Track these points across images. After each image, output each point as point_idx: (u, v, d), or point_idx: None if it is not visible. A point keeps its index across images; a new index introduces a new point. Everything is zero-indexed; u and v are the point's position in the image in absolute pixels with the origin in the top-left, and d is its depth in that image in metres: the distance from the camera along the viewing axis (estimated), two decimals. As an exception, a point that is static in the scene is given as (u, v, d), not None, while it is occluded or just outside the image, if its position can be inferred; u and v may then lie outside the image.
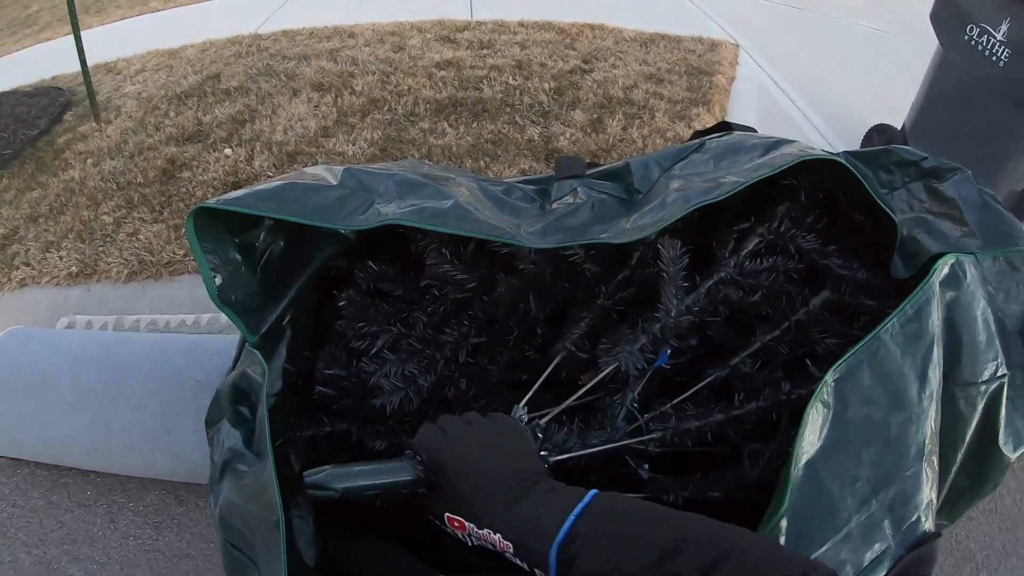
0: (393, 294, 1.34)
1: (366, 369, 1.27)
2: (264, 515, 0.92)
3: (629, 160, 1.34)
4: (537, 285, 1.33)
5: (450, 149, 3.54)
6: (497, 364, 1.33)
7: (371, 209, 1.08)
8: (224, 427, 1.09)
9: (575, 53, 4.68)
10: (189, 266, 2.86)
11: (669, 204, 1.14)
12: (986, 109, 3.37)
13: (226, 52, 4.85)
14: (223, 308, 1.13)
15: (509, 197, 1.27)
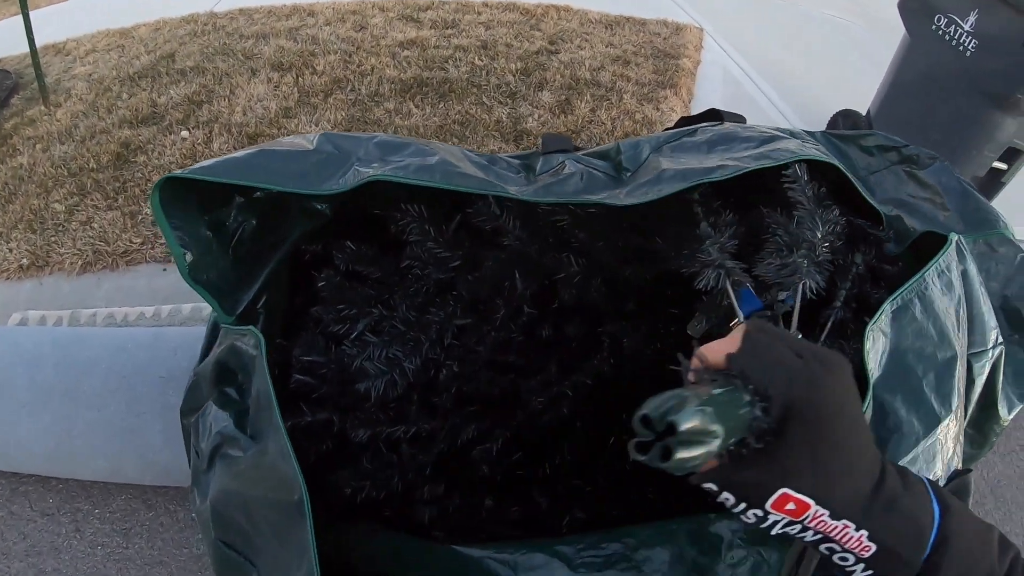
0: (372, 277, 1.32)
1: (348, 353, 1.25)
2: (276, 497, 0.87)
3: (619, 142, 1.32)
4: (523, 261, 1.30)
5: (417, 129, 3.50)
6: (484, 345, 1.32)
7: (351, 171, 1.03)
8: (210, 411, 1.04)
9: (540, 34, 4.65)
10: (146, 255, 2.77)
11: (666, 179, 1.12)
12: (952, 98, 3.43)
13: (181, 31, 4.73)
14: (195, 287, 1.08)
15: (494, 166, 1.23)
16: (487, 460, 1.35)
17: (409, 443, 1.29)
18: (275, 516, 0.88)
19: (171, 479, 2.00)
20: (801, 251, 1.13)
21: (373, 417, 1.25)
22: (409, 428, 1.27)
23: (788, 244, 1.14)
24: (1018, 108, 3.24)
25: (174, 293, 2.55)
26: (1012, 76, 3.17)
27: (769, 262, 1.12)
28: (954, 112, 3.46)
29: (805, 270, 1.10)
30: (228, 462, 0.98)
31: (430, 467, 1.31)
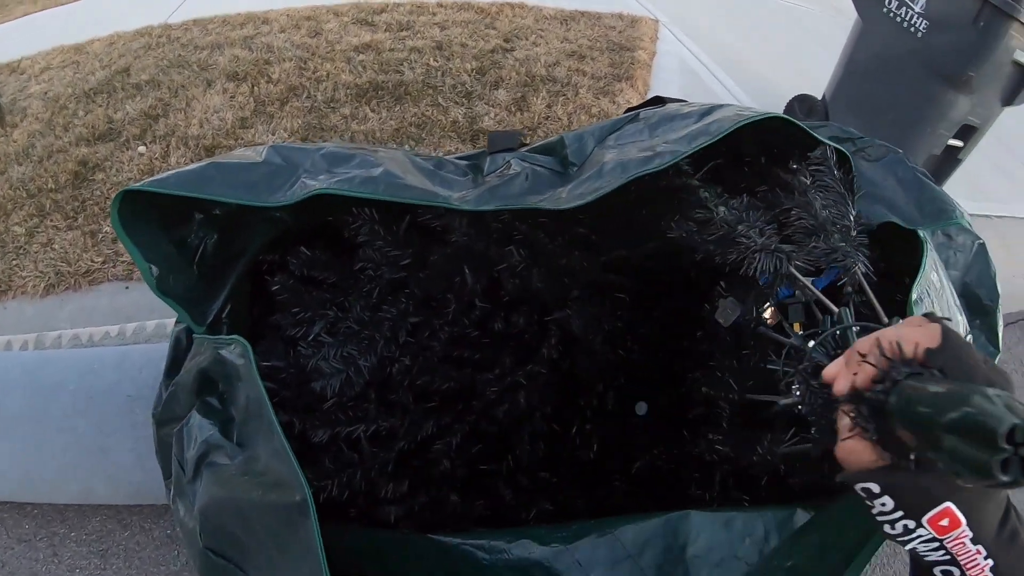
0: (328, 281, 1.34)
1: (304, 355, 1.26)
2: (274, 499, 0.88)
3: (563, 135, 1.34)
4: (471, 256, 1.32)
5: (373, 134, 3.48)
6: (438, 341, 1.33)
7: (298, 183, 1.06)
8: (194, 420, 1.05)
9: (495, 32, 4.64)
10: (108, 274, 2.74)
11: (607, 173, 1.14)
12: (904, 79, 3.48)
13: (135, 44, 4.66)
14: (165, 299, 1.12)
15: (440, 170, 1.26)
16: (448, 454, 1.37)
17: (370, 441, 1.31)
18: (272, 519, 0.88)
19: (143, 497, 2.00)
20: (835, 236, 1.14)
21: (332, 417, 1.27)
22: (369, 426, 1.29)
23: (814, 228, 1.15)
24: (970, 86, 3.29)
25: (137, 311, 2.53)
26: (963, 54, 3.22)
27: (814, 246, 1.13)
28: (908, 92, 3.51)
29: (852, 253, 1.11)
30: (216, 470, 0.99)
31: (392, 464, 1.33)
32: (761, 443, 1.25)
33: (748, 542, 1.10)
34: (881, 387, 0.63)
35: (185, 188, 1.01)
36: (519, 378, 1.37)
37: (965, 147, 3.73)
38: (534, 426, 1.46)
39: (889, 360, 0.64)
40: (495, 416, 1.38)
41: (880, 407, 0.63)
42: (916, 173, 1.43)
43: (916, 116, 3.53)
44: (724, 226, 1.14)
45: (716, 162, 1.33)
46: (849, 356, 0.70)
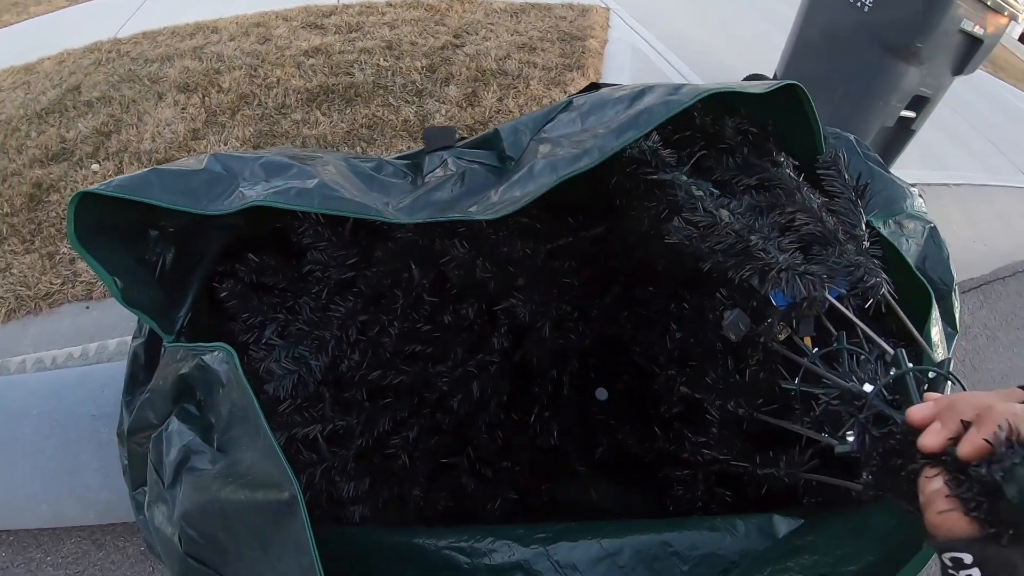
0: (278, 286, 1.34)
1: (256, 357, 1.25)
2: (261, 499, 0.88)
3: (498, 127, 1.35)
4: (417, 251, 1.33)
5: (325, 138, 3.48)
6: (389, 336, 1.34)
7: (236, 192, 1.07)
8: (172, 426, 1.05)
9: (445, 29, 4.63)
10: (68, 295, 2.72)
11: (537, 174, 1.14)
12: (854, 53, 3.51)
13: (85, 61, 4.60)
14: (132, 309, 1.13)
15: (379, 174, 1.27)
16: (406, 449, 1.38)
17: (327, 441, 1.32)
18: (257, 520, 0.88)
19: (114, 516, 1.99)
20: (849, 247, 1.13)
21: (288, 420, 1.27)
22: (325, 426, 1.30)
23: (824, 237, 1.14)
24: (919, 57, 3.33)
25: (99, 330, 2.52)
26: (909, 26, 3.26)
27: (835, 261, 1.11)
28: (858, 66, 3.55)
29: (875, 271, 1.10)
30: (196, 475, 0.99)
31: (352, 462, 1.34)
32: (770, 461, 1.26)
33: (729, 540, 1.12)
34: (997, 468, 0.61)
35: (127, 192, 1.02)
36: (470, 368, 1.38)
37: (918, 118, 3.78)
38: (490, 416, 1.47)
39: (1006, 440, 0.61)
40: (449, 407, 1.39)
41: (991, 488, 0.61)
42: (867, 162, 1.46)
43: (867, 89, 3.57)
44: (732, 234, 1.13)
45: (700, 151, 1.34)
46: (946, 415, 0.69)
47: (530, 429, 1.56)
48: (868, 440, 0.89)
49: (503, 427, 1.52)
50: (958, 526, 0.63)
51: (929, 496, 0.66)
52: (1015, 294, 4.26)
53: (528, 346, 1.47)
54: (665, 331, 1.49)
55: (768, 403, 1.28)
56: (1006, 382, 3.46)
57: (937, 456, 0.68)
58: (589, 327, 1.55)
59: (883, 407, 0.91)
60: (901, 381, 0.92)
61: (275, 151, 1.21)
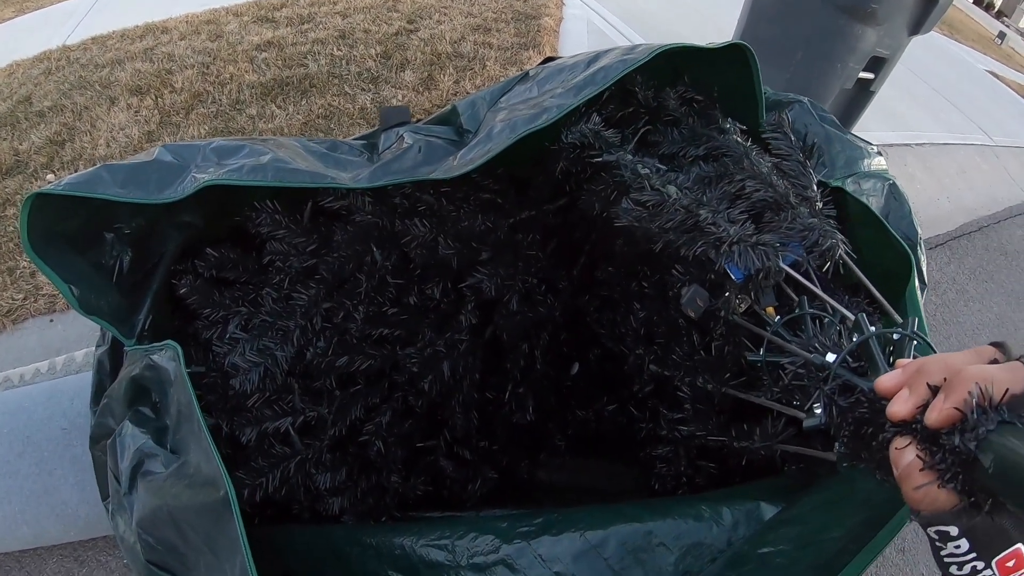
0: (240, 280, 1.33)
1: (219, 352, 1.25)
2: (201, 500, 0.87)
3: (455, 103, 1.36)
4: (378, 232, 1.32)
5: (281, 131, 3.46)
6: (354, 322, 1.33)
7: (188, 178, 1.06)
8: (126, 431, 1.03)
9: (398, 15, 4.60)
10: (31, 309, 2.67)
11: (495, 135, 1.14)
12: (809, 16, 3.52)
13: (35, 71, 4.51)
14: (90, 316, 1.11)
15: (334, 152, 1.26)
16: (380, 435, 1.37)
17: (300, 433, 1.30)
18: (202, 521, 0.87)
19: (94, 531, 1.97)
20: (802, 210, 1.11)
21: (258, 415, 1.26)
22: (296, 418, 1.28)
23: (776, 202, 1.12)
24: (875, 18, 3.34)
25: (65, 343, 2.48)
26: (863, -13, 3.27)
27: (789, 226, 1.09)
28: (814, 29, 3.55)
29: (830, 232, 1.08)
30: (150, 479, 0.97)
31: (326, 453, 1.32)
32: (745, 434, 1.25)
33: (716, 529, 1.10)
34: (970, 436, 0.57)
35: (79, 189, 1.00)
36: (439, 348, 1.36)
37: (876, 79, 3.79)
38: (464, 396, 1.46)
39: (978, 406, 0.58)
40: (421, 390, 1.38)
41: (965, 458, 0.58)
42: (823, 124, 1.45)
43: (825, 52, 3.57)
44: (681, 210, 1.11)
45: (644, 127, 1.33)
46: (914, 380, 0.65)
47: (505, 406, 1.55)
48: (836, 411, 0.86)
49: (478, 406, 1.51)
50: (939, 499, 0.60)
51: (904, 470, 0.64)
52: (981, 248, 4.33)
53: (497, 321, 1.46)
54: (629, 311, 1.48)
55: (737, 377, 1.28)
56: (977, 334, 3.55)
57: (908, 425, 0.65)
58: (558, 299, 1.53)
59: (848, 376, 0.88)
60: (866, 347, 0.90)
61: (224, 137, 1.19)
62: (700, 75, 1.38)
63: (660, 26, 4.91)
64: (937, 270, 3.99)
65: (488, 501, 1.51)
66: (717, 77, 1.36)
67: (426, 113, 3.42)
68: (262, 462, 1.25)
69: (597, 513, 1.13)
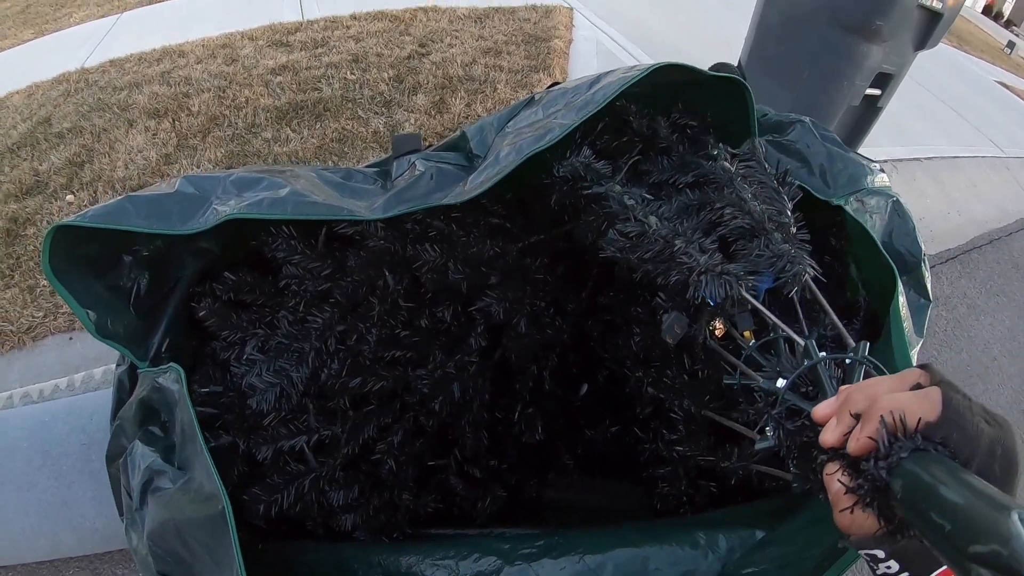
0: (256, 303, 1.35)
1: (236, 373, 1.27)
2: (203, 514, 0.91)
3: (464, 128, 1.39)
4: (390, 257, 1.35)
5: (296, 154, 3.49)
6: (368, 344, 1.35)
7: (210, 210, 1.09)
8: (136, 450, 1.07)
9: (410, 38, 4.66)
10: (51, 327, 2.73)
11: (503, 159, 1.17)
12: (815, 35, 3.54)
13: (54, 93, 4.59)
14: (105, 340, 1.14)
15: (349, 181, 1.29)
16: (392, 454, 1.40)
17: (314, 451, 1.34)
18: (205, 534, 0.91)
19: (110, 544, 2.00)
20: (776, 235, 1.13)
21: (274, 433, 1.29)
22: (311, 436, 1.31)
23: (752, 229, 1.14)
24: (880, 35, 3.36)
25: (84, 360, 2.53)
26: (867, 5, 3.29)
27: (759, 254, 1.11)
28: (820, 48, 3.57)
29: (798, 258, 1.09)
30: (160, 494, 1.01)
31: (340, 471, 1.35)
32: (727, 454, 1.27)
33: (711, 557, 1.13)
34: (883, 464, 0.60)
35: (104, 221, 1.04)
36: (449, 369, 1.40)
37: (883, 95, 3.81)
38: (474, 416, 1.49)
39: (889, 435, 0.60)
40: (432, 410, 1.41)
41: (881, 485, 0.61)
42: (824, 143, 1.47)
43: (831, 70, 3.59)
44: (659, 240, 1.13)
45: (636, 157, 1.36)
46: (840, 410, 0.68)
47: (515, 427, 1.58)
48: (784, 435, 0.89)
49: (488, 426, 1.54)
50: (864, 523, 0.63)
51: (833, 495, 0.66)
52: (992, 261, 4.31)
53: (506, 344, 1.49)
54: (629, 335, 1.51)
55: (718, 399, 1.30)
56: (989, 348, 3.53)
57: (836, 451, 0.68)
58: (566, 322, 1.56)
59: (796, 400, 0.91)
60: (815, 372, 0.92)
61: (245, 168, 1.23)
62: (696, 101, 1.41)
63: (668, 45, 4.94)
64: (948, 285, 3.97)
65: (497, 518, 1.53)
66: (713, 104, 1.39)
67: (438, 136, 3.47)
68: (277, 479, 1.29)
69: (597, 536, 1.16)
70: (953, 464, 0.56)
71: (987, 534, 0.49)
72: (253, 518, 1.27)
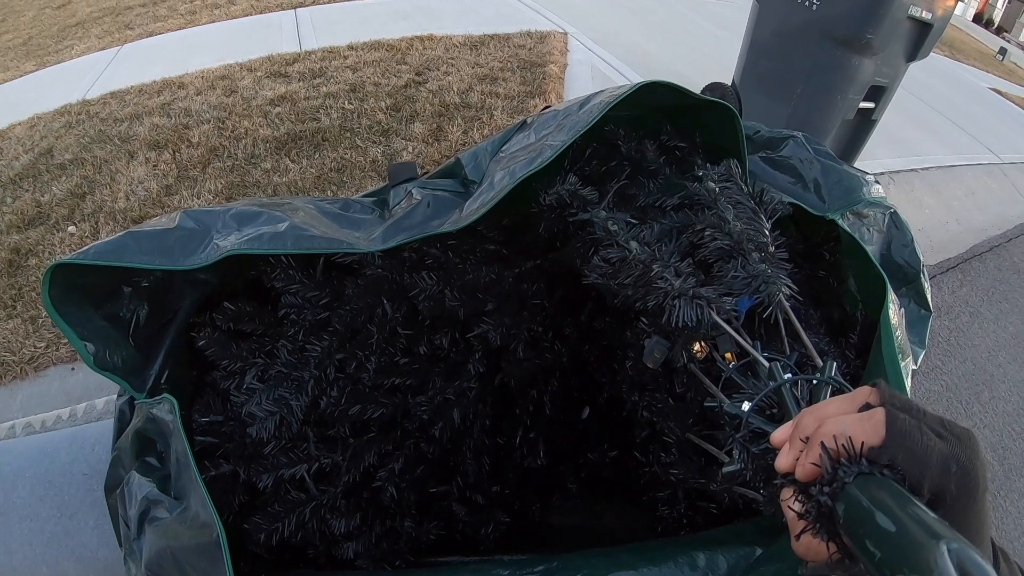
0: (256, 333, 1.36)
1: (236, 402, 1.28)
2: (199, 542, 0.91)
3: (459, 155, 1.40)
4: (387, 286, 1.36)
5: (295, 184, 3.53)
6: (367, 372, 1.36)
7: (210, 245, 1.10)
8: (133, 480, 1.07)
9: (407, 67, 4.72)
10: (53, 357, 2.75)
11: (497, 183, 1.18)
12: (807, 51, 3.57)
13: (56, 124, 4.64)
14: (103, 372, 1.14)
15: (347, 212, 1.31)
16: (393, 481, 1.40)
17: (315, 479, 1.34)
18: (202, 562, 0.91)
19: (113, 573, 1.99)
20: (754, 255, 1.13)
21: (275, 462, 1.30)
22: (311, 465, 1.32)
23: (731, 249, 1.15)
24: (871, 48, 3.39)
25: (86, 391, 2.54)
26: (858, 18, 3.32)
27: (734, 275, 1.12)
28: (812, 64, 3.60)
29: (773, 278, 1.09)
30: (157, 524, 1.01)
31: (341, 499, 1.36)
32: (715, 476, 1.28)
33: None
34: (827, 490, 0.60)
35: (106, 258, 1.05)
36: (448, 395, 1.40)
37: (877, 107, 3.84)
38: (475, 441, 1.49)
39: (832, 460, 0.60)
40: (433, 436, 1.42)
41: (826, 511, 0.60)
42: (818, 158, 1.47)
43: (824, 85, 3.62)
44: (639, 265, 1.14)
45: (622, 183, 1.37)
46: (792, 434, 0.67)
47: (517, 451, 1.58)
48: (749, 459, 0.89)
49: (489, 451, 1.54)
50: (819, 549, 0.62)
51: (789, 520, 0.65)
52: (994, 268, 4.32)
53: (505, 369, 1.50)
54: (624, 359, 1.51)
55: (703, 422, 1.31)
56: (994, 356, 3.54)
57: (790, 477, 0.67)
58: (565, 346, 1.57)
59: (761, 424, 0.90)
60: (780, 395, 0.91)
61: (244, 201, 1.24)
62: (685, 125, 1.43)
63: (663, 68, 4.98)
64: (950, 294, 3.98)
65: (501, 544, 1.52)
66: (703, 127, 1.41)
67: (435, 164, 3.49)
68: (278, 507, 1.29)
69: (595, 561, 1.15)
70: (897, 489, 0.55)
71: (912, 565, 0.48)
72: (254, 547, 1.27)
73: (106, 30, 6.98)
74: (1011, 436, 3.03)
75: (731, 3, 6.06)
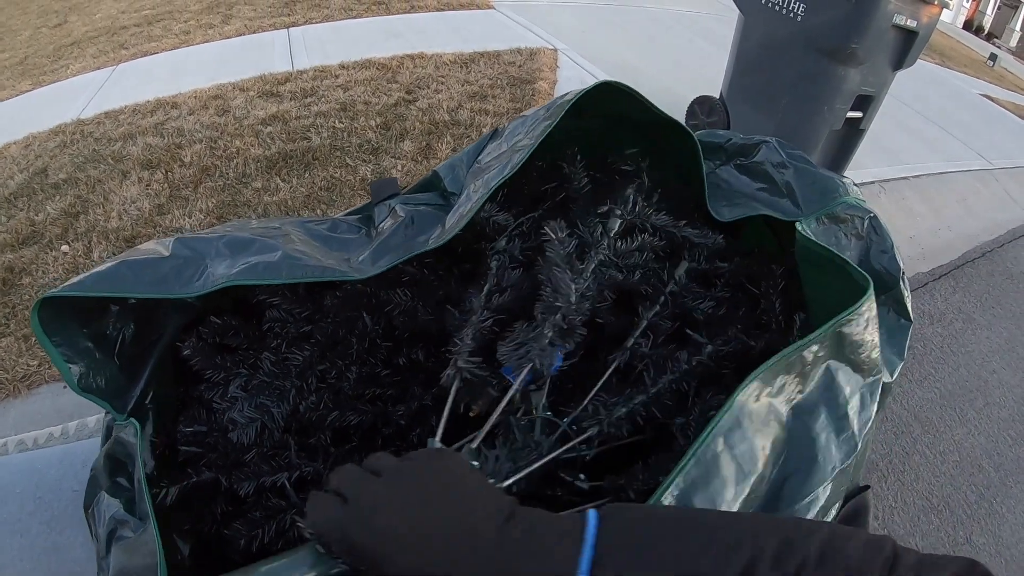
0: (241, 347, 1.38)
1: (219, 410, 1.30)
2: (149, 562, 0.93)
3: (436, 168, 1.42)
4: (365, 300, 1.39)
5: (286, 203, 3.55)
6: (348, 381, 1.37)
7: (206, 274, 1.12)
8: (103, 500, 1.09)
9: (397, 86, 4.76)
10: (45, 375, 2.77)
11: (472, 195, 1.21)
12: (793, 62, 3.60)
13: (50, 144, 4.68)
14: (86, 395, 1.13)
15: (335, 233, 1.34)
16: (372, 489, 1.41)
17: (296, 487, 1.35)
18: None
19: (99, 589, 2.01)
20: (548, 321, 1.12)
21: (256, 470, 1.31)
22: (292, 473, 1.33)
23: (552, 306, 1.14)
24: (857, 57, 3.42)
25: (78, 408, 2.55)
26: (843, 28, 3.35)
27: (510, 341, 1.12)
28: (798, 75, 3.63)
29: (537, 350, 1.08)
30: (121, 543, 1.03)
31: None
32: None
33: None
34: None
35: (100, 288, 1.06)
36: (426, 401, 1.42)
37: (865, 117, 3.86)
38: (458, 447, 1.51)
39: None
40: (412, 442, 1.43)
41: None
42: (791, 158, 1.45)
43: (810, 96, 3.65)
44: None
45: (528, 217, 1.38)
46: None
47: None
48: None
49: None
50: None
51: None
52: (986, 274, 4.32)
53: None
54: None
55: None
56: (987, 362, 3.55)
57: None
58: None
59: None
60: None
61: (234, 226, 1.26)
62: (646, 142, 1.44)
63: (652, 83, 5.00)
64: (942, 301, 3.98)
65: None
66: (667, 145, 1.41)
67: (426, 182, 3.51)
68: (259, 514, 1.31)
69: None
70: None
71: None
72: (236, 555, 1.29)
73: (101, 50, 7.04)
74: (1006, 442, 3.04)
75: (721, 18, 6.09)
